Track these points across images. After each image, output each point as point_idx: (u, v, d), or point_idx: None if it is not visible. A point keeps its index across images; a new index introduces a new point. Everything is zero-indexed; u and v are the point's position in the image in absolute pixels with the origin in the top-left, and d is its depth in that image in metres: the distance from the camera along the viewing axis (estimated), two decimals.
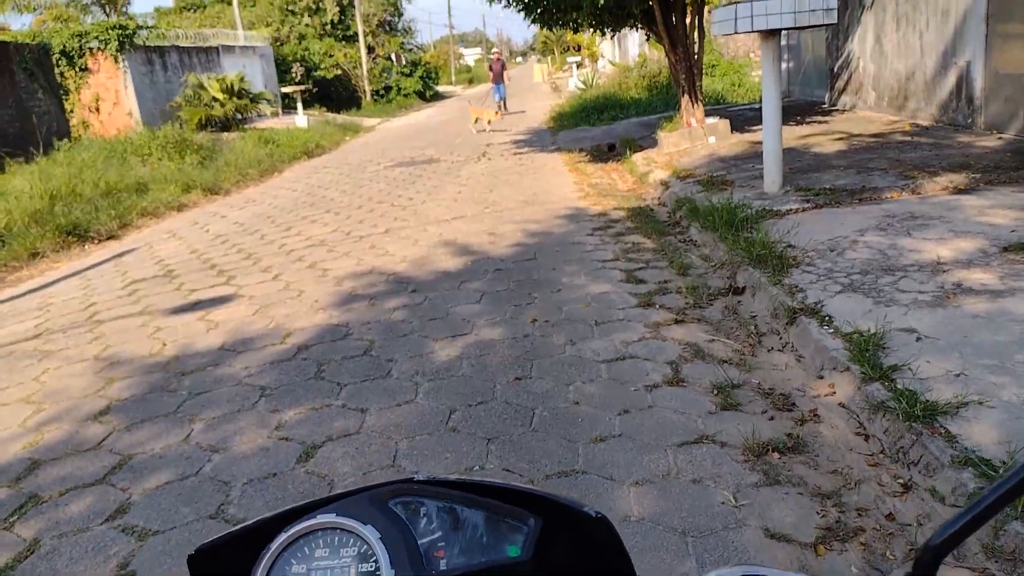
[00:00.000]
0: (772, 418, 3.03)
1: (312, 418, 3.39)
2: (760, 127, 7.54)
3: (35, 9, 21.32)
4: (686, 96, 10.39)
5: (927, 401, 2.69)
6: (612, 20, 10.88)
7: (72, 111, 17.69)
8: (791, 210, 5.82)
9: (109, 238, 8.30)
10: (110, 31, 18.05)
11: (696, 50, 10.43)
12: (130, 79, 18.30)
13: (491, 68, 24.57)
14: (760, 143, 7.56)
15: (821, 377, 3.27)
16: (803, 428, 2.93)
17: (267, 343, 4.42)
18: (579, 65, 35.16)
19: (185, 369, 4.11)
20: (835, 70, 12.20)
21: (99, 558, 2.50)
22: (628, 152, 10.54)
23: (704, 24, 10.43)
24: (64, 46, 17.83)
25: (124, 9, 22.24)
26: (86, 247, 7.93)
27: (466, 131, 17.68)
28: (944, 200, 5.55)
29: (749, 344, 3.79)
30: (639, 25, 11.42)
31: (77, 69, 18.04)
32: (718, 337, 3.91)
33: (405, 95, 33.18)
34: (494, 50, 28.05)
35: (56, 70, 16.89)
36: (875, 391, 2.86)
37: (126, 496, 2.87)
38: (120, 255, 7.44)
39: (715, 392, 3.28)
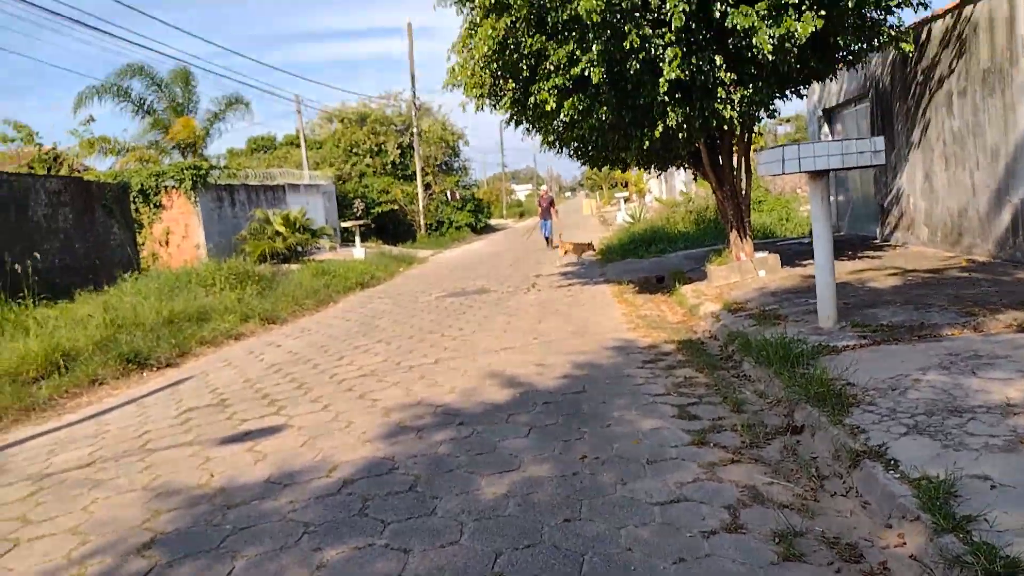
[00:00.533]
0: (839, 570, 2.83)
1: (354, 558, 3.29)
2: (811, 261, 7.53)
3: (119, 152, 23.09)
4: (735, 231, 10.50)
5: (1008, 557, 2.48)
6: (659, 161, 11.25)
7: (144, 243, 18.74)
8: (848, 346, 5.68)
9: (167, 366, 8.52)
10: (185, 171, 19.40)
11: (743, 187, 10.64)
12: (200, 214, 19.45)
13: (539, 203, 25.02)
14: (812, 277, 7.52)
15: (889, 526, 3.06)
16: None
17: (313, 476, 4.38)
18: (626, 200, 36.17)
19: (231, 502, 4.07)
20: (885, 206, 12.25)
21: None
22: (677, 284, 10.57)
23: (750, 162, 10.69)
24: (142, 185, 19.17)
25: (201, 151, 23.95)
26: (145, 374, 8.14)
27: (518, 261, 18.04)
28: (1009, 338, 5.36)
29: (810, 488, 3.60)
30: (686, 165, 11.77)
31: (152, 205, 19.30)
32: (777, 480, 3.73)
33: (458, 228, 34.36)
34: (543, 187, 28.11)
35: (133, 206, 18.05)
36: (949, 544, 2.66)
37: None
38: (177, 383, 7.60)
39: (776, 540, 3.09)
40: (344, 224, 26.20)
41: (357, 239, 22.85)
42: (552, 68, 8.28)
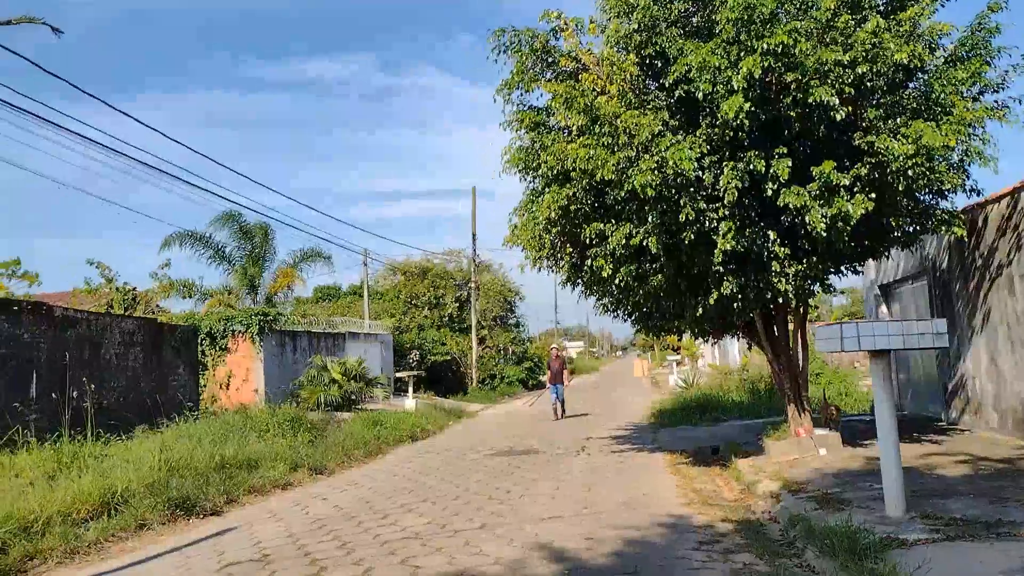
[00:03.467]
0: None
1: None
2: (873, 441, 7.25)
3: (195, 295, 24.34)
4: (792, 404, 10.26)
5: None
6: (714, 329, 11.27)
7: (205, 385, 19.23)
8: (919, 540, 5.34)
9: (214, 513, 8.48)
10: (253, 317, 20.20)
11: (800, 360, 10.50)
12: (263, 359, 20.00)
13: (549, 366, 20.73)
14: (875, 459, 7.21)
15: None
16: None
17: None
18: (678, 363, 35.84)
19: None
20: (950, 387, 11.86)
21: None
22: (733, 457, 10.24)
23: (807, 335, 10.62)
24: (211, 328, 19.97)
25: (274, 300, 25.16)
26: (191, 521, 8.11)
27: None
28: None
29: None
30: (741, 334, 11.75)
31: (218, 348, 19.98)
32: None
33: (509, 383, 34.35)
34: (552, 347, 24.02)
35: (200, 348, 18.72)
36: None
37: None
38: (220, 533, 7.53)
39: None
40: (398, 374, 26.52)
41: (410, 389, 23.02)
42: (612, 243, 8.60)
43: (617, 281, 9.19)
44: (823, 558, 5.30)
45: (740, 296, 8.68)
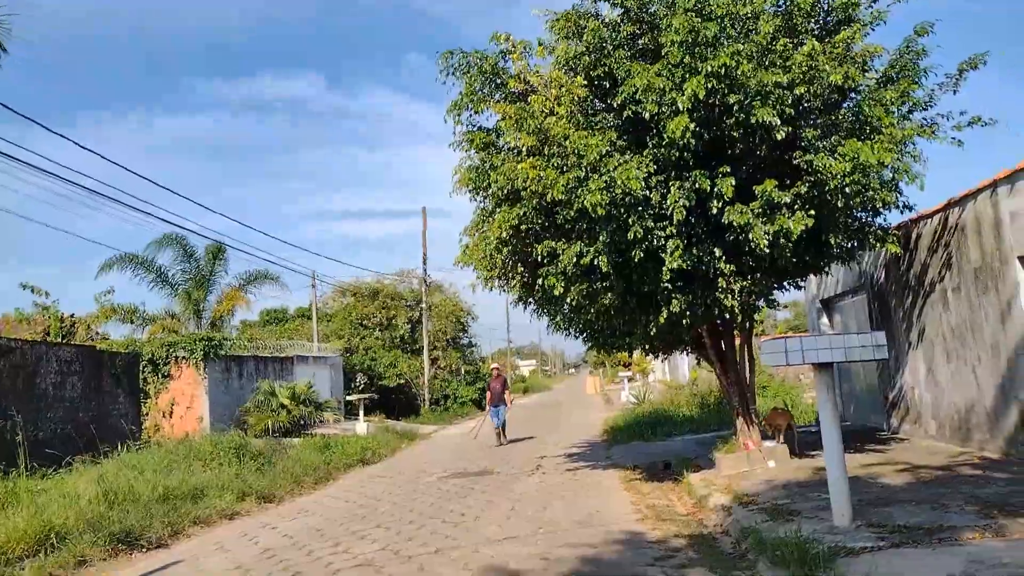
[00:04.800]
0: None
1: None
2: (820, 452, 7.41)
3: (135, 320, 23.62)
4: (741, 418, 10.44)
5: None
6: (664, 345, 11.42)
7: (147, 413, 18.62)
8: (865, 548, 5.47)
9: (158, 546, 8.19)
10: (198, 343, 19.68)
11: (747, 374, 10.71)
12: (207, 385, 19.47)
13: (489, 387, 19.03)
14: (822, 469, 7.37)
15: None
16: None
17: None
18: (630, 379, 36.16)
19: None
20: (890, 398, 12.23)
21: None
22: (685, 472, 10.34)
23: (753, 350, 10.84)
24: (153, 354, 19.37)
25: (220, 324, 24.53)
26: (134, 555, 7.82)
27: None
28: None
29: None
30: (690, 350, 11.93)
31: (160, 375, 19.38)
32: None
33: (462, 403, 34.14)
34: (493, 365, 22.11)
35: (141, 376, 18.15)
36: None
37: None
38: (165, 567, 7.27)
39: None
40: (349, 397, 26.13)
41: (360, 413, 22.69)
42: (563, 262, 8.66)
43: (569, 300, 9.25)
44: (775, 569, 5.39)
45: (688, 312, 8.83)
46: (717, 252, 8.49)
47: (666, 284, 8.45)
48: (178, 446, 13.24)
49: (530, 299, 10.59)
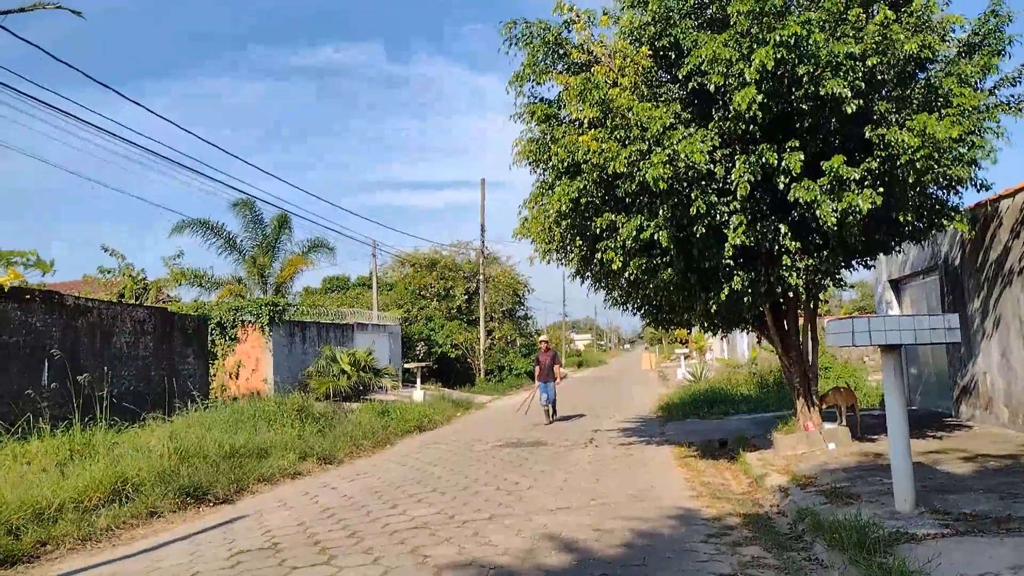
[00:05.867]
0: None
1: None
2: (883, 436, 7.24)
3: (205, 284, 24.42)
4: (801, 399, 10.24)
5: None
6: (724, 323, 11.25)
7: (215, 374, 19.33)
8: (928, 535, 5.33)
9: (224, 502, 8.54)
10: (263, 308, 20.28)
11: (810, 355, 10.48)
12: (272, 349, 20.09)
13: (537, 361, 17.80)
14: (884, 454, 7.20)
15: None
16: None
17: None
18: (687, 356, 35.80)
19: None
20: (960, 382, 11.81)
21: None
22: (741, 451, 10.23)
23: (817, 330, 10.58)
24: (221, 318, 20.06)
25: (284, 290, 25.21)
26: (201, 509, 8.17)
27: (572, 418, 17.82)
28: None
29: None
30: (750, 328, 11.73)
31: (228, 338, 20.09)
32: None
33: (517, 375, 34.39)
34: (542, 338, 19.46)
35: (210, 338, 18.82)
36: None
37: None
38: (231, 521, 7.58)
39: None
40: (407, 365, 26.60)
41: (418, 381, 23.09)
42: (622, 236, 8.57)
43: (627, 275, 9.17)
44: (832, 552, 5.30)
45: (751, 290, 8.66)
46: (782, 229, 8.28)
47: (728, 260, 8.30)
48: (244, 406, 13.71)
49: (587, 273, 10.54)
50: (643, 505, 7.61)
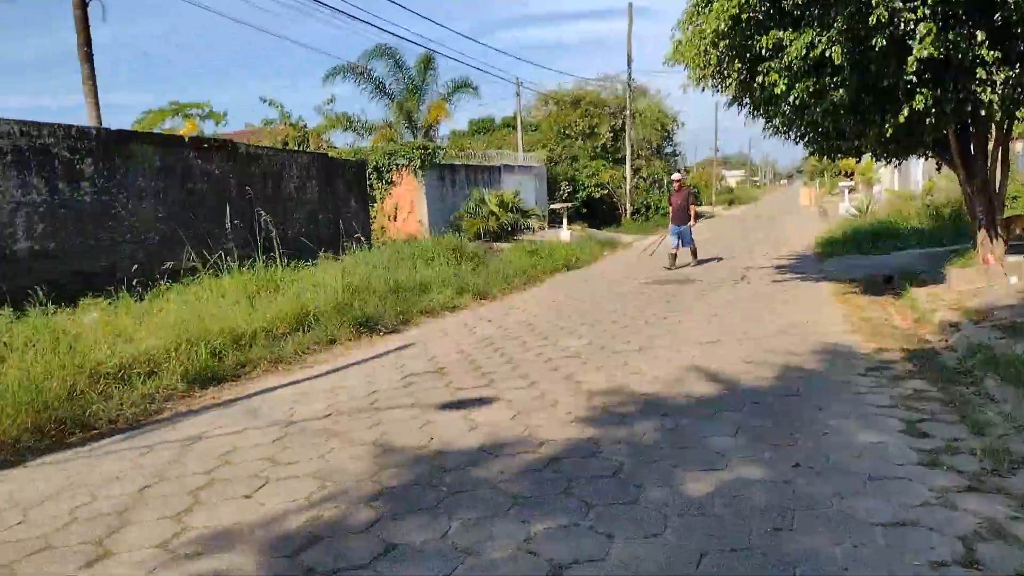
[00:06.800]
0: None
1: (560, 535, 3.42)
2: None
3: (356, 130, 25.26)
4: (983, 230, 9.37)
5: None
6: (899, 149, 10.27)
7: (375, 217, 20.41)
8: None
9: (392, 332, 9.27)
10: (415, 151, 20.82)
11: (997, 181, 9.45)
12: (424, 191, 20.80)
13: (670, 201, 16.50)
14: None
15: None
16: None
17: (521, 450, 4.58)
18: (851, 190, 33.42)
19: (447, 465, 4.39)
20: None
21: None
22: (908, 286, 9.66)
23: (1009, 154, 9.45)
24: (377, 162, 20.84)
25: (432, 133, 25.62)
26: (373, 338, 8.92)
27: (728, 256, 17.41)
28: None
29: None
30: (929, 154, 10.67)
31: (384, 182, 20.95)
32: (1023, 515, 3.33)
33: (664, 214, 33.71)
34: (675, 176, 17.79)
35: (368, 182, 19.71)
36: None
37: None
38: (400, 348, 8.26)
39: None
40: (552, 206, 26.76)
41: (564, 221, 23.25)
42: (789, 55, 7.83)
43: (791, 98, 8.46)
44: (1005, 386, 5.02)
45: (934, 110, 7.77)
46: (979, 36, 7.24)
47: (910, 77, 7.43)
48: (403, 246, 14.50)
49: (746, 100, 9.85)
50: (796, 340, 7.47)
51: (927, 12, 7.07)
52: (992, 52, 7.24)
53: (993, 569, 2.90)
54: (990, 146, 9.47)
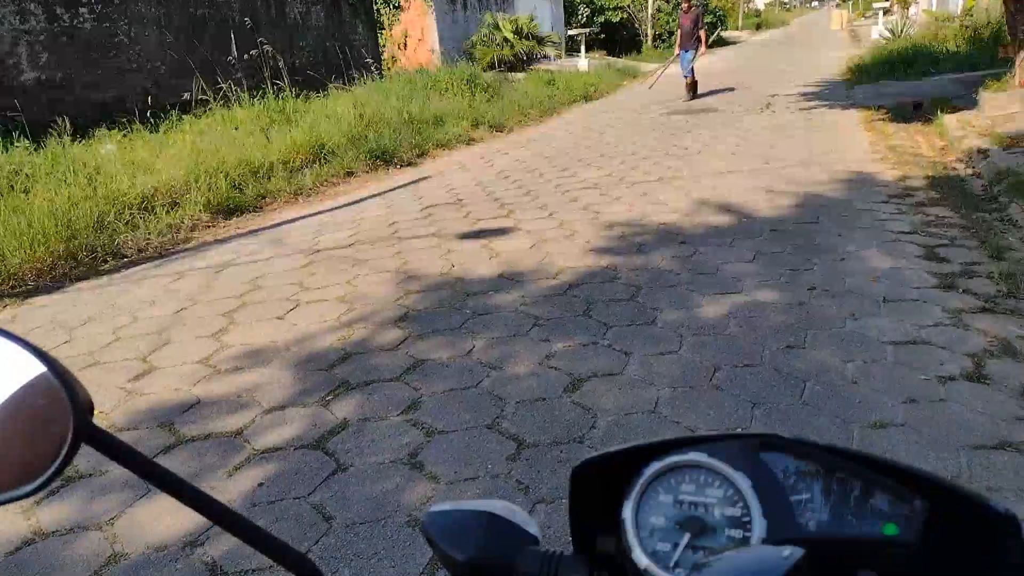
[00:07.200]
0: None
1: (579, 353, 3.57)
2: None
3: None
4: (1023, 51, 8.91)
5: None
6: None
7: (384, 45, 19.59)
8: None
9: (408, 164, 9.20)
10: None
11: None
12: (434, 17, 19.79)
13: (680, 25, 14.91)
14: None
15: None
16: None
17: (541, 277, 4.69)
18: (886, 12, 31.45)
19: (469, 291, 4.52)
20: None
21: (394, 444, 2.89)
22: (939, 112, 9.34)
23: None
24: None
25: None
26: (390, 171, 8.88)
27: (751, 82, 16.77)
28: None
29: None
30: None
31: (392, 6, 19.89)
32: None
33: None
34: None
35: (375, 7, 18.73)
36: None
37: (417, 395, 3.27)
38: (417, 181, 8.23)
39: None
40: (570, 32, 25.50)
41: (582, 49, 22.23)
42: None
43: None
44: None
45: None
46: None
47: None
48: (415, 76, 14.03)
49: None
50: (819, 168, 7.35)
51: None
52: None
53: (1000, 384, 3.03)
54: None
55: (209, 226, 6.56)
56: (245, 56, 12.35)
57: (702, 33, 14.49)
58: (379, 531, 2.39)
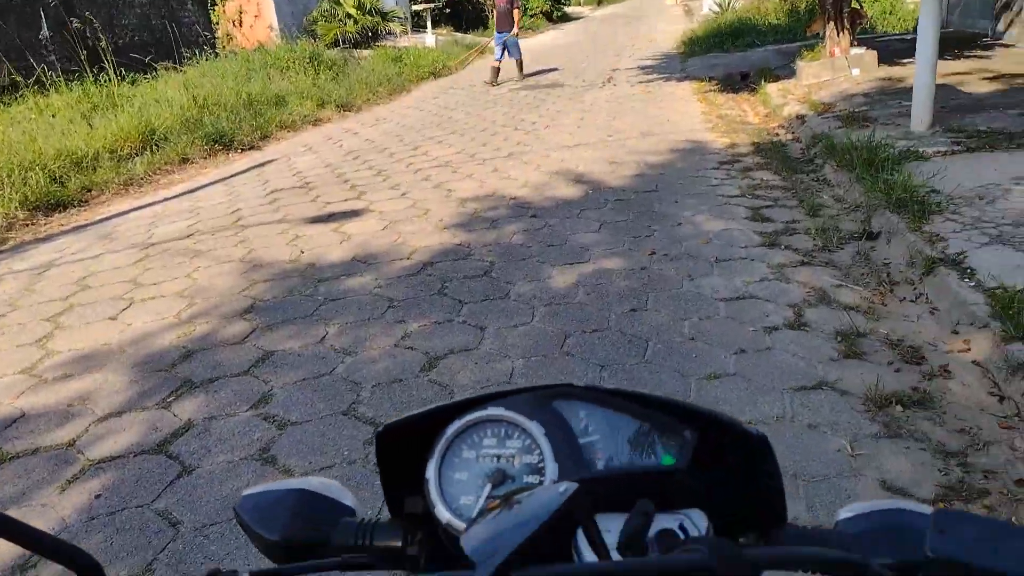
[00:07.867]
0: (898, 370, 2.95)
1: (435, 331, 3.58)
2: (911, 60, 6.97)
3: None
4: (832, 23, 9.70)
5: None
6: None
7: (218, 23, 18.48)
8: (938, 152, 5.44)
9: (251, 148, 8.78)
10: None
11: None
12: None
13: (496, 5, 14.41)
14: (908, 78, 7.02)
15: (956, 332, 3.13)
16: (931, 383, 2.84)
17: (395, 258, 4.64)
18: None
19: (320, 276, 4.40)
20: None
21: (244, 441, 2.79)
22: (763, 82, 10.03)
23: None
24: None
25: None
26: (230, 156, 8.44)
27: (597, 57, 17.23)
28: None
29: (879, 293, 3.65)
30: None
31: None
32: (846, 283, 3.79)
33: (532, 15, 32.54)
34: None
35: None
36: (1017, 351, 2.73)
37: (268, 388, 3.16)
38: (261, 165, 7.88)
39: (839, 339, 3.21)
40: (415, 7, 25.12)
41: (428, 25, 21.98)
42: None
43: None
44: (840, 171, 5.48)
45: None
46: None
47: None
48: (253, 55, 13.35)
49: None
50: (657, 139, 7.71)
51: None
52: None
53: (818, 330, 3.32)
54: None
55: (27, 224, 5.98)
56: (56, 34, 11.27)
57: (516, 13, 13.91)
58: (231, 530, 2.30)
